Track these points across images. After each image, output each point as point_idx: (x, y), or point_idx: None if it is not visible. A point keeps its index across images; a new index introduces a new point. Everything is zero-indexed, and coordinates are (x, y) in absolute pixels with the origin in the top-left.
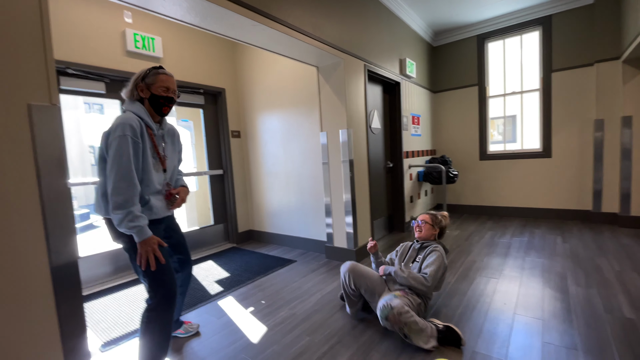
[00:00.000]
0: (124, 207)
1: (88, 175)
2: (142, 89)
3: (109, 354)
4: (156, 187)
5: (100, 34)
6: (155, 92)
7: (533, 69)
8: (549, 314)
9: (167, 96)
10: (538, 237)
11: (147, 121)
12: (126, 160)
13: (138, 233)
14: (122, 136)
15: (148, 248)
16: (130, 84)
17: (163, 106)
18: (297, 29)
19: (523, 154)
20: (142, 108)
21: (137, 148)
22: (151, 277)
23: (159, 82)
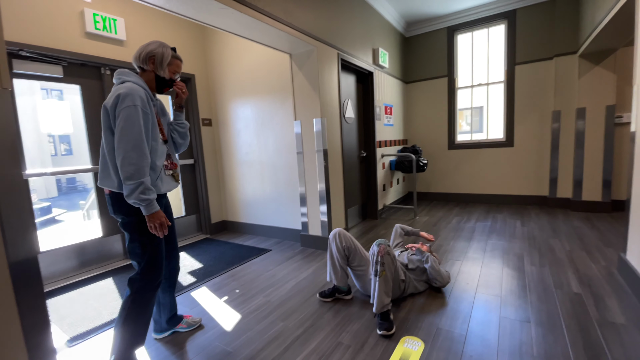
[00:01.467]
0: (135, 177)
1: (48, 165)
2: (155, 62)
3: (76, 349)
4: (162, 158)
5: (56, 14)
6: (165, 73)
7: (499, 61)
8: (506, 291)
9: (173, 79)
10: (500, 222)
11: (149, 92)
12: (137, 130)
13: (148, 206)
14: (132, 106)
15: (156, 222)
16: (144, 51)
17: (166, 86)
18: (268, 13)
19: (488, 143)
20: (141, 79)
21: (147, 119)
22: (147, 260)
23: (174, 65)
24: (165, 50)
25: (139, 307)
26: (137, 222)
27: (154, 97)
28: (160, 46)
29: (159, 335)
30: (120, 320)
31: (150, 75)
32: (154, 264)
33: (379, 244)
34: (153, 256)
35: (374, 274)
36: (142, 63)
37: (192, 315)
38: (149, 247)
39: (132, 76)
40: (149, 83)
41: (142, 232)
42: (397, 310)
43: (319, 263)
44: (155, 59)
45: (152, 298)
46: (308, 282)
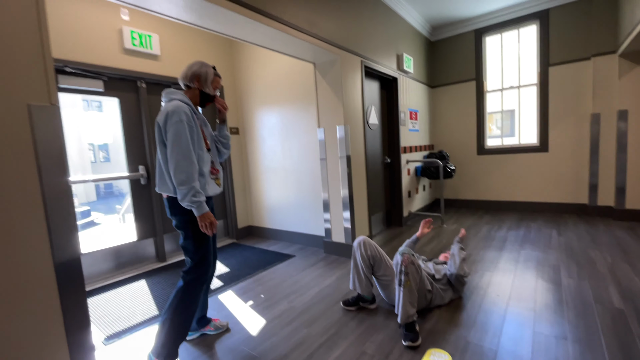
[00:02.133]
0: (187, 183)
1: (88, 172)
2: (200, 81)
3: (112, 347)
4: (208, 165)
5: (97, 32)
6: (209, 89)
7: (531, 63)
8: (540, 305)
9: (214, 95)
10: (534, 231)
11: (193, 107)
12: (185, 141)
13: (198, 207)
14: (179, 122)
15: (206, 221)
16: (190, 72)
17: (208, 101)
18: (293, 25)
19: (520, 148)
20: (185, 96)
21: (192, 131)
22: (198, 253)
23: (215, 82)
24: (208, 69)
25: (189, 298)
26: (191, 222)
27: (197, 111)
28: (202, 66)
29: (188, 336)
30: (170, 309)
31: (195, 91)
32: (205, 259)
33: (402, 253)
34: (204, 253)
35: (398, 284)
36: (189, 81)
37: (220, 319)
38: (201, 244)
39: (178, 94)
40: (193, 99)
41: (195, 231)
42: (423, 321)
43: (342, 270)
44: (200, 77)
45: (200, 290)
46: (331, 289)
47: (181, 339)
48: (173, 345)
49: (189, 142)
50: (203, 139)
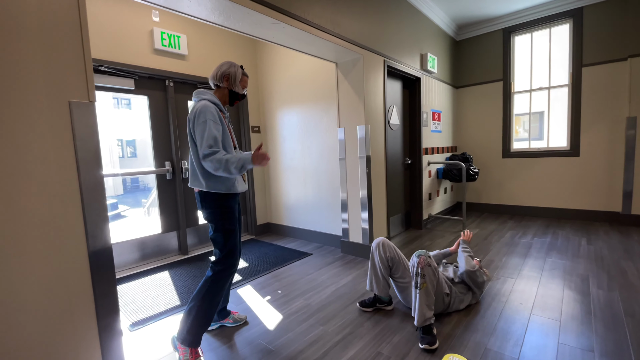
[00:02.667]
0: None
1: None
2: (229, 80)
3: (137, 333)
4: None
5: (130, 32)
6: (238, 88)
7: (562, 63)
8: (566, 316)
9: (243, 94)
10: (561, 238)
11: (219, 106)
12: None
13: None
14: (205, 121)
15: (258, 161)
16: (219, 72)
17: (236, 100)
18: (317, 25)
19: (549, 152)
20: (214, 96)
21: (218, 129)
22: (227, 245)
23: (243, 82)
24: (237, 69)
25: (216, 287)
26: (220, 215)
27: (225, 110)
28: (231, 66)
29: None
30: (197, 298)
31: (224, 91)
32: (233, 251)
33: (418, 255)
34: (232, 245)
35: (414, 286)
36: (218, 81)
37: (239, 312)
38: (229, 237)
39: (207, 94)
40: (222, 98)
41: (224, 224)
42: (441, 325)
43: (359, 271)
44: (230, 77)
45: (227, 281)
46: (348, 289)
47: (205, 326)
48: (198, 333)
49: (217, 137)
50: (230, 137)
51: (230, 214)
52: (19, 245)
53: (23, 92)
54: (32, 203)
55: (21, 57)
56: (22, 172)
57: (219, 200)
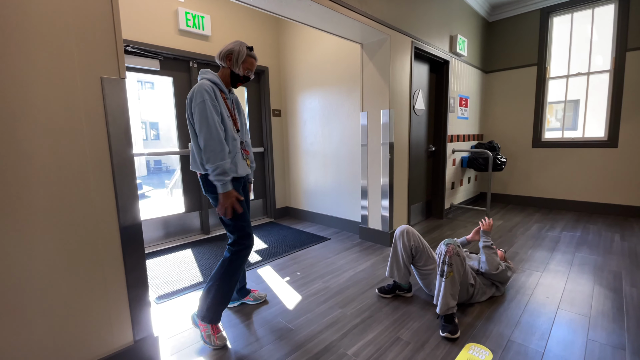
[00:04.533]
0: (214, 160)
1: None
2: (232, 59)
3: (163, 306)
4: (238, 145)
5: (156, 13)
6: (239, 69)
7: (604, 47)
8: (596, 312)
9: (246, 76)
10: (593, 233)
11: (220, 86)
12: (211, 120)
13: (222, 186)
14: (201, 102)
15: (228, 201)
16: (224, 50)
17: (238, 81)
18: (343, 3)
19: (584, 142)
20: (215, 75)
21: (217, 110)
22: (236, 227)
23: (248, 62)
24: (242, 48)
25: (234, 267)
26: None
27: (228, 91)
28: (238, 45)
29: (229, 304)
30: (216, 277)
31: (226, 71)
32: (244, 231)
33: (447, 244)
34: (241, 226)
35: (440, 275)
36: (222, 60)
37: (259, 291)
38: (237, 219)
39: (208, 74)
40: (225, 78)
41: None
42: (463, 315)
43: (377, 257)
44: (232, 56)
45: (244, 261)
46: (366, 274)
47: (224, 304)
48: (217, 310)
49: (215, 121)
50: (232, 119)
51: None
52: (52, 219)
53: (58, 67)
54: (67, 178)
55: (57, 34)
56: (56, 145)
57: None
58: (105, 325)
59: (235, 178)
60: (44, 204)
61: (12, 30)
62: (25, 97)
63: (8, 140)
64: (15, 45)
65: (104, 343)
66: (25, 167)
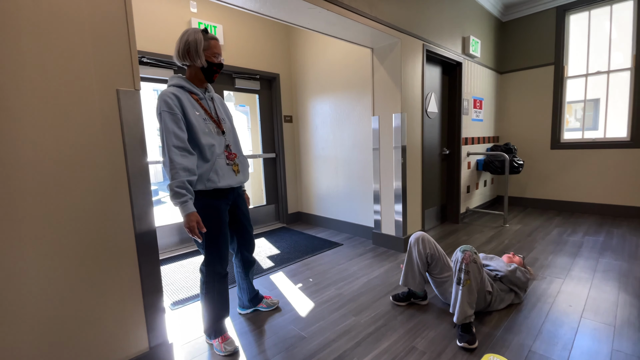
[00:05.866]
0: (170, 180)
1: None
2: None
3: (177, 312)
4: (217, 150)
5: (169, 24)
6: (209, 59)
7: (624, 45)
8: (622, 321)
9: (219, 62)
10: (617, 238)
11: (189, 88)
12: (165, 136)
13: (180, 208)
14: (159, 114)
15: (190, 224)
16: (180, 47)
17: (214, 73)
18: (353, 9)
19: (605, 143)
20: (181, 78)
21: (176, 119)
22: (210, 250)
23: (210, 48)
24: (197, 35)
25: (212, 292)
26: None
27: (204, 91)
28: (190, 34)
29: (242, 311)
30: (201, 300)
31: (193, 68)
32: (216, 253)
33: (463, 251)
34: (214, 246)
35: (456, 282)
36: (183, 59)
37: (272, 297)
38: (211, 242)
39: (174, 79)
40: (196, 77)
41: (204, 224)
42: (481, 324)
43: (391, 263)
44: (191, 49)
45: (223, 283)
46: (380, 281)
47: (222, 317)
48: (217, 324)
49: (171, 136)
50: (213, 120)
51: (213, 216)
52: (71, 227)
53: (76, 80)
54: (84, 188)
55: (75, 48)
56: (75, 155)
57: (201, 198)
58: (121, 331)
59: (217, 192)
60: (61, 213)
61: (29, 43)
62: (43, 110)
63: (30, 150)
64: (33, 59)
65: (120, 349)
66: (43, 176)
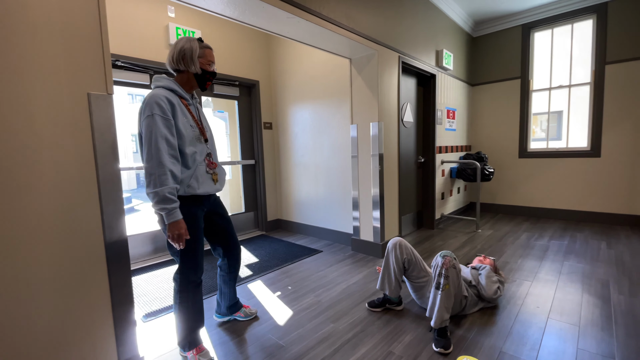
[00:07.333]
0: (152, 187)
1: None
2: (188, 62)
3: (150, 324)
4: (198, 158)
5: (146, 28)
6: (203, 67)
7: (584, 61)
8: (586, 321)
9: (213, 71)
10: (580, 242)
11: (179, 92)
12: (155, 140)
13: (167, 215)
14: (150, 116)
15: (175, 232)
16: (175, 53)
17: (207, 81)
18: (331, 20)
19: (568, 152)
20: (172, 81)
21: (169, 125)
22: (185, 258)
23: (205, 56)
24: (192, 43)
25: (186, 302)
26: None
27: (188, 97)
28: (187, 41)
29: (219, 318)
30: (175, 310)
31: (186, 75)
32: (191, 261)
33: (444, 256)
34: (189, 253)
35: (435, 287)
36: (177, 64)
37: (250, 307)
38: (186, 250)
39: (163, 80)
40: (187, 83)
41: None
42: (455, 327)
43: (369, 269)
44: (186, 56)
45: (197, 292)
46: (358, 286)
47: (196, 328)
48: (191, 335)
49: (158, 140)
50: (199, 127)
51: (190, 223)
52: (36, 234)
53: (45, 84)
54: (50, 193)
55: (43, 50)
56: (42, 161)
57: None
58: (88, 346)
59: (195, 198)
60: (23, 222)
61: None
62: (9, 112)
63: None
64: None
65: None
66: (6, 181)
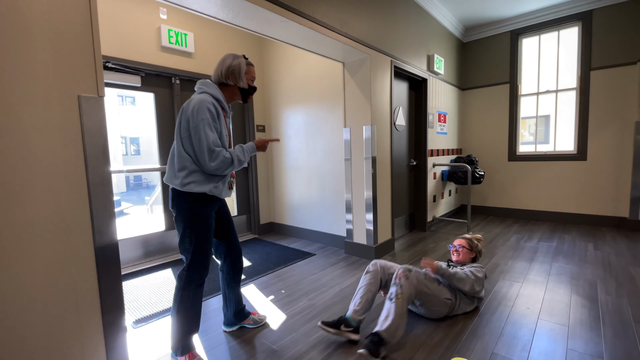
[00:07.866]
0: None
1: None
2: (235, 75)
3: (140, 330)
4: None
5: (137, 29)
6: (248, 82)
7: (570, 66)
8: (575, 321)
9: (254, 86)
10: (568, 243)
11: (222, 103)
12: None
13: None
14: (204, 119)
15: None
16: (223, 68)
17: (249, 95)
18: (325, 24)
19: (555, 155)
20: (219, 90)
21: (214, 132)
22: (196, 256)
23: (250, 73)
24: (240, 60)
25: (187, 300)
26: (189, 218)
27: (228, 109)
28: (234, 58)
29: (227, 329)
30: (173, 311)
31: (231, 88)
32: (200, 260)
33: (401, 267)
34: (199, 252)
35: (388, 298)
36: (225, 79)
37: (259, 313)
38: (197, 243)
39: (212, 88)
40: (231, 96)
41: (193, 228)
42: (447, 328)
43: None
44: (234, 72)
45: (198, 292)
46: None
47: (191, 333)
48: (186, 339)
49: (216, 138)
50: (229, 137)
51: (204, 223)
52: (24, 239)
53: (34, 86)
54: (40, 197)
55: (33, 52)
56: (30, 165)
57: (194, 202)
58: (77, 352)
59: (212, 199)
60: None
61: None
62: None
63: None
64: None
65: None
66: None
